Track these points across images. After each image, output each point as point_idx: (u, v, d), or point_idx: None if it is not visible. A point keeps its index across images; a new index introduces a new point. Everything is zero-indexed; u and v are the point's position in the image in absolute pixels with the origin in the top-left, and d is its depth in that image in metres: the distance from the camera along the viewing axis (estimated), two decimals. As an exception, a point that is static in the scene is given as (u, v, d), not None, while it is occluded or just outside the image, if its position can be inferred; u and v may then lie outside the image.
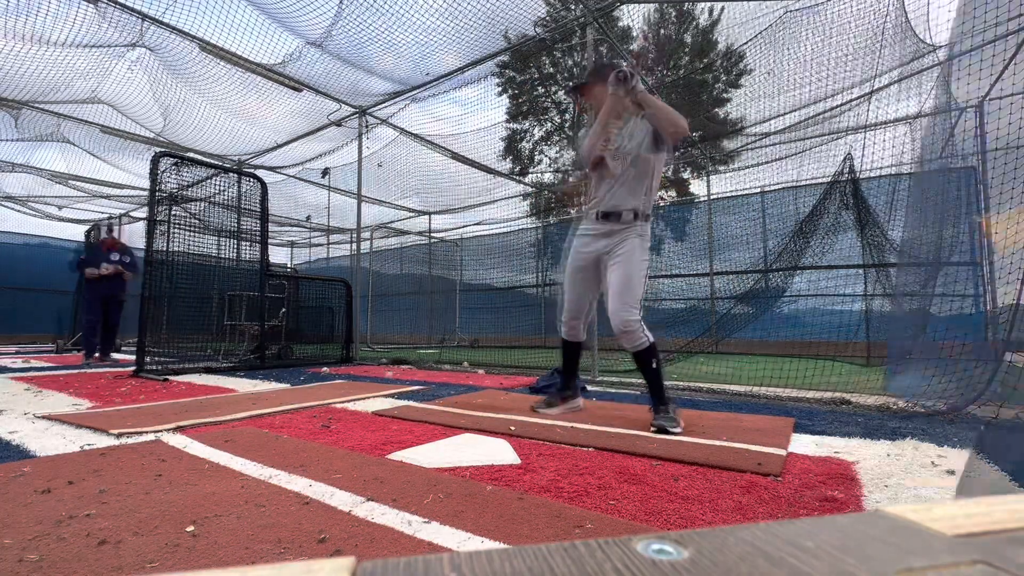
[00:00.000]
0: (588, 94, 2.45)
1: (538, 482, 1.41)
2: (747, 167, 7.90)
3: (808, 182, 6.36)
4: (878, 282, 5.53)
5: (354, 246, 8.61)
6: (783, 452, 1.72)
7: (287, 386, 3.66)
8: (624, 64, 2.18)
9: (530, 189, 11.04)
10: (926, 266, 4.51)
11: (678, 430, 2.04)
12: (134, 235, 9.85)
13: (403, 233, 12.15)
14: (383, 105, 6.40)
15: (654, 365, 2.21)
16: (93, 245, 6.03)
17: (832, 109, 5.95)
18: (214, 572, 0.21)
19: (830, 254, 5.56)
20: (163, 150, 5.46)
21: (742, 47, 6.26)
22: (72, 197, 9.48)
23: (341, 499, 1.26)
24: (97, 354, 5.95)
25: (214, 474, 1.48)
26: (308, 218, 11.84)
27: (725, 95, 10.32)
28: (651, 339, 2.22)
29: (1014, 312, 2.38)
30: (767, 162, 7.47)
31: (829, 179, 5.56)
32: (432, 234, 11.86)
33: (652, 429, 2.07)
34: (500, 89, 10.47)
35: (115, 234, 6.31)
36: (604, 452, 1.76)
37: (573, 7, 6.56)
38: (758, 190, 7.81)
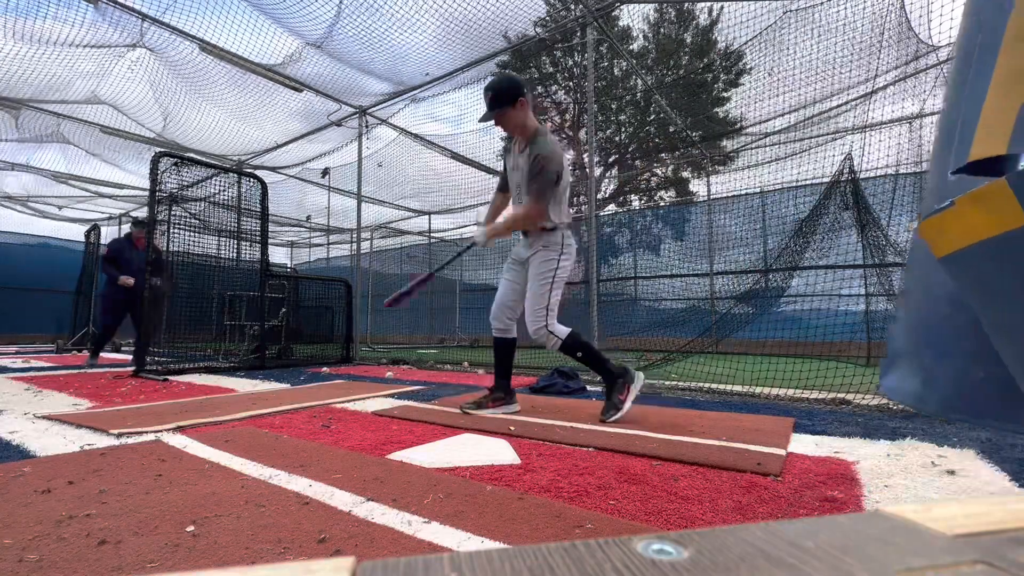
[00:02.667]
0: (501, 120, 2.32)
1: (538, 482, 1.41)
2: (747, 167, 7.90)
3: (808, 182, 6.36)
4: (879, 282, 5.53)
5: (354, 246, 8.61)
6: (783, 452, 1.72)
7: (287, 386, 3.66)
8: None
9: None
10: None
11: (615, 416, 2.24)
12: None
13: (403, 233, 12.14)
14: (383, 105, 6.41)
15: (579, 355, 2.38)
16: (120, 241, 5.62)
17: (832, 109, 5.95)
18: (214, 572, 0.21)
19: (830, 254, 5.55)
20: (163, 150, 5.45)
21: (742, 47, 6.26)
22: (72, 197, 9.49)
23: (341, 499, 1.26)
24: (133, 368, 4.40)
25: (214, 474, 1.48)
26: (308, 218, 11.85)
27: (725, 94, 10.31)
28: (562, 336, 2.37)
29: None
30: (767, 162, 7.47)
31: (829, 179, 5.55)
32: (432, 234, 11.85)
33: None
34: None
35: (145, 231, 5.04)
36: (604, 452, 1.76)
37: (573, 7, 6.56)
38: (758, 190, 7.80)
